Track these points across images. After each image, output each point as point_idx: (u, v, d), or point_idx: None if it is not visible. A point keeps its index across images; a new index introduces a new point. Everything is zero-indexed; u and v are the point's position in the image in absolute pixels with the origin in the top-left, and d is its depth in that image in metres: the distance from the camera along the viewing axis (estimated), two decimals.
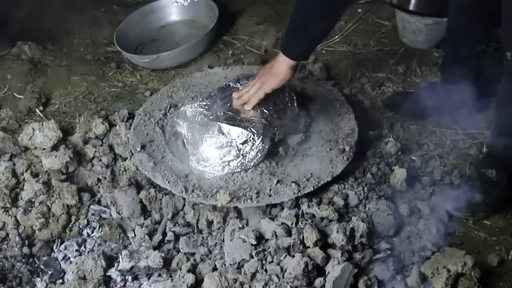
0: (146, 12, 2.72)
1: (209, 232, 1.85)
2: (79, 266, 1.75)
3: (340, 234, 1.67)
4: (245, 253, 1.70)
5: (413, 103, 2.13)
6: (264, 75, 1.82)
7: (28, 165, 2.02)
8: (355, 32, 2.61)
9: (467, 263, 1.62)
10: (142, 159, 1.95)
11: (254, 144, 1.84)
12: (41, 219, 1.89)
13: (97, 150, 2.06)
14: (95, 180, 2.01)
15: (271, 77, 1.80)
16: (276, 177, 1.85)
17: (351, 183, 1.89)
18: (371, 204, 1.82)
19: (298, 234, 1.67)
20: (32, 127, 2.06)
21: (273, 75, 1.80)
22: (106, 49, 2.63)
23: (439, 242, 1.74)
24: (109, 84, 2.47)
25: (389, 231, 1.77)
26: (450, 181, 1.94)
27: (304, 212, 1.77)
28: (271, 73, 1.80)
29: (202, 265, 1.75)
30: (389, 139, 2.07)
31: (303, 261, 1.59)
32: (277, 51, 2.50)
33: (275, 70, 1.79)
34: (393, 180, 1.90)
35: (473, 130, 2.11)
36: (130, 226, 1.91)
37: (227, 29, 2.69)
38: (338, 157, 1.91)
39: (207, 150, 1.86)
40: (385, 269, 1.66)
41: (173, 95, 2.21)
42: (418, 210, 1.85)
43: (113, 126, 2.14)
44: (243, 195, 1.80)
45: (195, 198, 1.81)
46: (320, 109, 2.11)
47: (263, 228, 1.76)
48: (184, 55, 2.50)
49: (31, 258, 1.86)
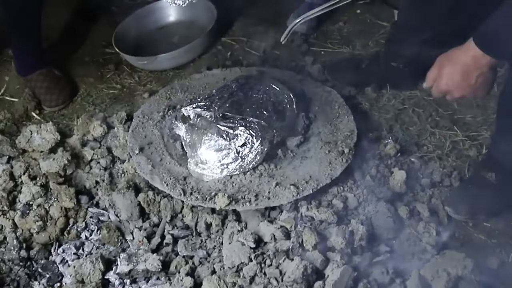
0: (144, 13, 2.71)
1: (208, 235, 1.85)
2: (77, 269, 1.74)
3: (339, 237, 1.66)
4: (244, 256, 1.69)
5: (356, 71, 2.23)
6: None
7: (26, 168, 2.01)
8: (354, 33, 2.61)
9: (468, 266, 1.61)
10: (140, 161, 1.94)
11: (253, 146, 1.84)
12: (39, 222, 1.88)
13: (95, 153, 2.05)
14: (93, 183, 2.00)
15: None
16: (275, 180, 1.85)
17: (350, 186, 1.88)
18: (370, 207, 1.82)
19: (297, 237, 1.66)
20: (30, 130, 2.05)
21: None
22: (104, 50, 2.62)
23: (439, 244, 1.73)
24: (107, 86, 2.46)
25: (388, 234, 1.76)
26: (449, 183, 1.93)
27: (303, 215, 1.77)
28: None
29: (201, 268, 1.75)
30: (388, 141, 2.05)
31: (302, 265, 1.59)
32: (277, 52, 2.54)
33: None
34: (393, 182, 1.89)
35: (473, 133, 2.11)
36: (128, 229, 1.90)
37: (225, 30, 2.68)
38: (337, 159, 1.90)
39: (206, 153, 1.85)
40: (385, 272, 1.65)
41: (171, 97, 2.21)
42: (417, 213, 1.84)
43: (111, 128, 2.13)
44: (242, 198, 1.79)
45: (194, 201, 1.81)
46: (319, 111, 2.10)
47: (262, 231, 1.75)
48: (182, 56, 2.49)
49: (28, 262, 1.85)
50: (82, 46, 2.63)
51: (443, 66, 1.44)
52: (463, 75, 1.40)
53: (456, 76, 1.40)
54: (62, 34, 2.67)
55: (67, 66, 2.54)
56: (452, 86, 1.44)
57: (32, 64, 2.38)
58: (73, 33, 2.65)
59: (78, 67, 2.55)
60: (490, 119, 2.16)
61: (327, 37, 2.63)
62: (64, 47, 2.56)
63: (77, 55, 2.62)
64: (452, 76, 1.41)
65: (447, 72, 1.42)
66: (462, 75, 1.40)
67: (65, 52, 2.56)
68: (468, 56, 1.37)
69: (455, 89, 1.44)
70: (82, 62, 2.58)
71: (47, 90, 2.35)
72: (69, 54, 2.60)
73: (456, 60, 1.40)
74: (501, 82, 1.84)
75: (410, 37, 2.10)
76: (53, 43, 2.63)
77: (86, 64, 2.57)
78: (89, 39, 2.60)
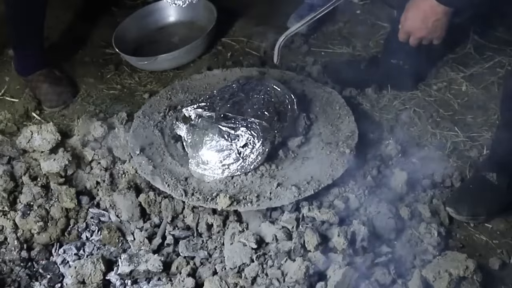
0: (144, 14, 2.70)
1: (209, 236, 1.84)
2: (78, 270, 1.74)
3: (341, 237, 1.66)
4: (246, 257, 1.69)
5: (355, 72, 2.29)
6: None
7: (26, 168, 2.00)
8: (354, 34, 2.61)
9: (469, 267, 1.61)
10: (142, 162, 1.94)
11: (255, 147, 1.84)
12: (40, 222, 1.87)
13: (96, 153, 2.05)
14: (93, 183, 1.99)
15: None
16: (276, 180, 1.85)
17: (352, 186, 1.88)
18: (371, 207, 1.82)
19: (299, 238, 1.66)
20: (30, 130, 2.04)
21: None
22: (104, 51, 2.61)
23: (441, 245, 1.74)
24: (108, 86, 2.45)
25: (390, 235, 1.77)
26: (450, 184, 1.94)
27: (305, 215, 1.77)
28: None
29: (202, 269, 1.74)
30: (389, 142, 2.06)
31: (304, 265, 1.58)
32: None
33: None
34: (394, 183, 1.90)
35: (474, 134, 2.12)
36: (129, 229, 1.90)
37: (225, 31, 2.68)
38: (338, 160, 1.90)
39: (207, 153, 1.85)
40: (387, 273, 1.65)
41: (172, 97, 2.20)
42: (419, 213, 1.84)
43: (112, 128, 2.13)
44: (243, 199, 1.79)
45: (195, 201, 1.81)
46: (320, 111, 2.10)
47: (263, 232, 1.75)
48: (183, 57, 2.49)
49: (29, 262, 1.84)
50: (82, 47, 2.63)
51: (407, 11, 1.70)
52: (422, 20, 1.66)
53: (417, 19, 1.67)
54: (62, 35, 2.66)
55: (67, 67, 2.54)
56: (413, 28, 1.70)
57: (33, 64, 2.37)
58: (73, 34, 2.64)
59: (78, 68, 2.54)
60: (491, 120, 2.17)
61: (327, 37, 2.63)
62: (64, 48, 2.55)
63: (77, 56, 2.61)
64: (414, 19, 1.68)
65: (410, 15, 1.69)
66: (421, 20, 1.66)
67: (65, 53, 2.55)
68: (427, 5, 1.63)
69: (415, 30, 1.70)
70: (82, 63, 2.57)
71: (47, 90, 2.35)
72: (69, 54, 2.59)
73: (417, 7, 1.66)
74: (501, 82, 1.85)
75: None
76: (53, 44, 2.62)
77: (86, 65, 2.56)
78: (89, 39, 2.59)
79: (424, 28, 1.67)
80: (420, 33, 1.69)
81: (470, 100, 2.26)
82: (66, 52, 2.57)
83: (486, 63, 2.37)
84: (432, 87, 2.32)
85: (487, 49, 2.40)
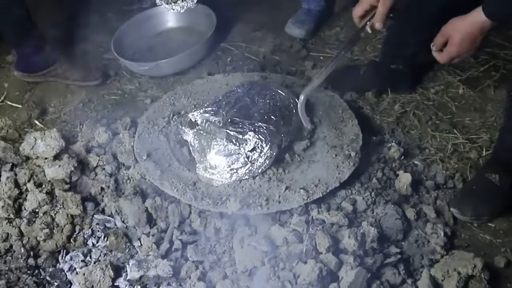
0: (143, 19, 2.70)
1: (217, 240, 1.85)
2: (86, 276, 1.73)
3: (351, 239, 1.68)
4: (257, 260, 1.70)
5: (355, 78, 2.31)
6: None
7: (30, 175, 1.99)
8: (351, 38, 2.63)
9: (477, 266, 1.65)
10: (149, 167, 1.94)
11: (263, 151, 1.85)
12: (46, 229, 1.86)
13: (100, 159, 2.04)
14: (98, 189, 1.99)
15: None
16: (284, 184, 1.86)
17: (358, 189, 1.91)
18: (379, 209, 1.84)
19: (311, 240, 1.68)
20: (34, 136, 2.02)
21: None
22: (103, 56, 2.60)
23: (447, 245, 1.77)
24: (108, 91, 2.45)
25: (397, 236, 1.79)
26: (453, 185, 1.97)
27: (314, 218, 1.79)
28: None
29: (212, 273, 1.75)
30: (391, 144, 2.09)
31: (317, 267, 1.60)
32: (276, 58, 2.55)
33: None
34: (398, 185, 1.93)
35: (472, 135, 2.16)
36: (135, 235, 1.89)
37: (224, 36, 2.69)
38: (344, 162, 1.93)
39: (215, 158, 1.86)
40: (396, 273, 1.68)
41: (175, 103, 2.21)
42: (424, 214, 1.87)
43: (116, 134, 2.12)
44: (253, 202, 1.80)
45: (205, 206, 1.81)
46: (323, 115, 2.13)
47: (273, 235, 1.76)
48: (183, 62, 2.49)
49: (36, 270, 1.83)
50: (81, 52, 2.61)
51: (452, 37, 1.63)
52: (472, 42, 1.62)
53: (466, 44, 1.62)
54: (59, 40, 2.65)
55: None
56: (463, 52, 1.65)
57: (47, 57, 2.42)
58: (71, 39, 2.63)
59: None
60: (488, 122, 2.22)
61: (324, 42, 2.66)
62: (62, 53, 2.53)
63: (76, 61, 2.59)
64: (463, 45, 1.63)
65: (458, 41, 1.62)
66: (471, 43, 1.62)
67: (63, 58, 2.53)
68: (475, 28, 1.59)
69: (464, 53, 1.66)
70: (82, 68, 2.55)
71: (78, 69, 2.43)
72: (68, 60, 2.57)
73: (464, 32, 1.61)
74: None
75: (408, 37, 2.14)
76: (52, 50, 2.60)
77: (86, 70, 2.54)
78: (88, 45, 2.58)
79: (473, 48, 1.64)
80: (467, 54, 1.67)
81: (467, 103, 2.31)
82: (65, 57, 2.55)
83: (481, 66, 2.42)
84: (430, 90, 2.36)
85: (481, 53, 2.45)
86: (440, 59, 1.70)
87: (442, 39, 1.66)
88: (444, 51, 1.67)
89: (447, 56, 1.67)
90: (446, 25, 1.65)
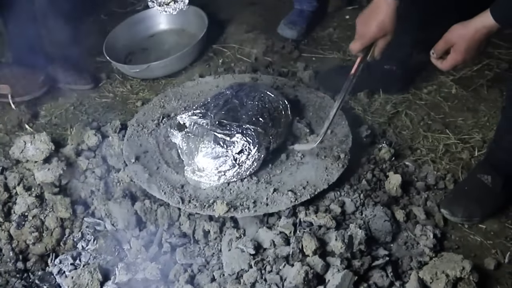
0: (135, 21, 2.71)
1: (206, 243, 1.84)
2: (75, 280, 1.73)
3: (339, 241, 1.67)
4: (244, 263, 1.69)
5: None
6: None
7: (20, 179, 1.99)
8: (344, 39, 2.63)
9: (466, 268, 1.63)
10: (137, 170, 1.94)
11: (250, 153, 1.84)
12: (35, 233, 1.86)
13: (90, 162, 2.04)
14: (88, 192, 1.99)
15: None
16: (272, 186, 1.85)
17: (347, 190, 1.90)
18: (367, 211, 1.83)
19: (297, 243, 1.67)
20: (23, 140, 2.03)
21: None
22: (95, 59, 2.61)
23: (436, 247, 1.75)
24: (100, 94, 2.45)
25: (386, 238, 1.78)
26: (444, 186, 1.96)
27: (302, 220, 1.78)
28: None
29: (200, 276, 1.74)
30: (382, 145, 2.08)
31: (303, 270, 1.59)
32: (268, 59, 2.54)
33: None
34: (388, 186, 1.91)
35: (465, 136, 2.14)
36: (125, 238, 1.88)
37: (216, 38, 2.69)
38: (333, 164, 1.91)
39: (203, 160, 1.85)
40: (384, 275, 1.66)
41: (165, 105, 2.21)
42: (414, 216, 1.86)
43: (106, 137, 2.12)
44: (240, 205, 1.79)
45: (192, 208, 1.81)
46: (313, 116, 2.12)
47: (261, 238, 1.76)
48: (174, 64, 2.49)
49: (25, 273, 1.83)
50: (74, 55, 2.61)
51: (458, 44, 1.57)
52: (478, 48, 1.57)
53: (473, 50, 1.57)
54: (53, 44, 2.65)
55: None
56: (469, 59, 1.61)
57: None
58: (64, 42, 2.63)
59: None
60: (481, 122, 2.20)
61: (317, 43, 2.65)
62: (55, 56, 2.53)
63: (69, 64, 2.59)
64: (470, 52, 1.57)
65: (465, 49, 1.57)
66: (477, 49, 1.57)
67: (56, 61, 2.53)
68: (482, 34, 1.53)
69: (470, 60, 1.62)
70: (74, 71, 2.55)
71: (70, 72, 2.45)
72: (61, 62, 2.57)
73: (471, 39, 1.55)
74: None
75: (401, 38, 2.12)
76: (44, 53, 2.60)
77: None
78: (80, 48, 2.58)
79: (478, 54, 1.61)
80: (471, 60, 1.68)
81: (460, 103, 2.30)
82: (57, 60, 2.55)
83: (474, 65, 2.40)
84: (422, 90, 2.35)
85: None
86: (442, 67, 1.65)
87: (444, 47, 1.61)
88: (448, 59, 1.61)
89: (451, 64, 1.62)
90: (449, 32, 1.59)
